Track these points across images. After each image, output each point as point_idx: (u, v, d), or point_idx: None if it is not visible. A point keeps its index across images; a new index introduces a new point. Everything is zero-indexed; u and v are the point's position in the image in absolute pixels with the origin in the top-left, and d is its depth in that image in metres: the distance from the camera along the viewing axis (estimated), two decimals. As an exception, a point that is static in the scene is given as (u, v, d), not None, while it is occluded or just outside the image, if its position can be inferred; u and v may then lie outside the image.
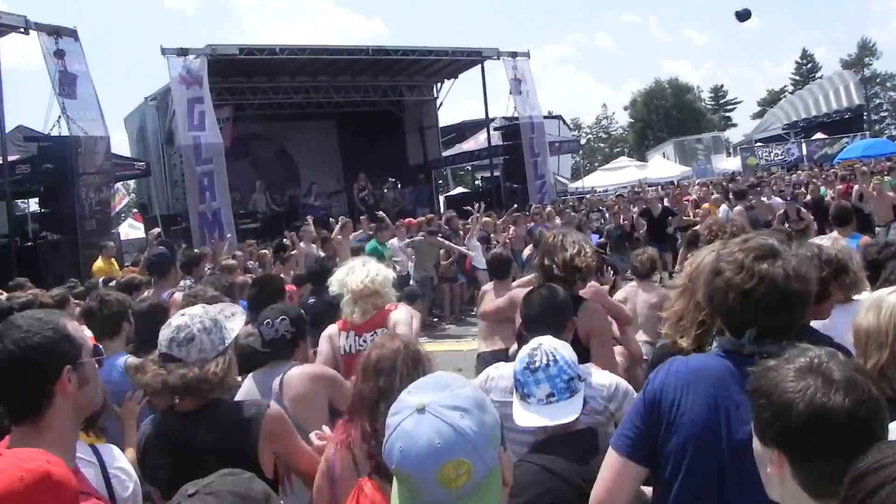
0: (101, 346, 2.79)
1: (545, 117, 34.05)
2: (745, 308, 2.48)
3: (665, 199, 21.10)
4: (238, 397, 4.17)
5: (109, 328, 5.09)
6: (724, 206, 17.39)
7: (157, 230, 15.23)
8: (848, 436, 1.67)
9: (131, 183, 37.60)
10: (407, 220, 19.41)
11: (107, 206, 19.61)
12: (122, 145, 31.25)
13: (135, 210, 40.66)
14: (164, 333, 3.44)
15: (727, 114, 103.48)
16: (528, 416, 3.10)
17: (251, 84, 27.06)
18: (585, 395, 3.39)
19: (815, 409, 1.71)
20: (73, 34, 18.63)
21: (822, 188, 20.51)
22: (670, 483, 2.46)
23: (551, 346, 3.16)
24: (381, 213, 17.22)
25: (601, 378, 3.85)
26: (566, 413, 3.05)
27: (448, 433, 1.78)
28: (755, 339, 2.48)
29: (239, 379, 4.25)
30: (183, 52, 21.72)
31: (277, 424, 3.44)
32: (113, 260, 15.59)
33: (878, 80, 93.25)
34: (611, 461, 2.56)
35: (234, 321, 3.70)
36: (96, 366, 2.61)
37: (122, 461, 2.88)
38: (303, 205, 27.10)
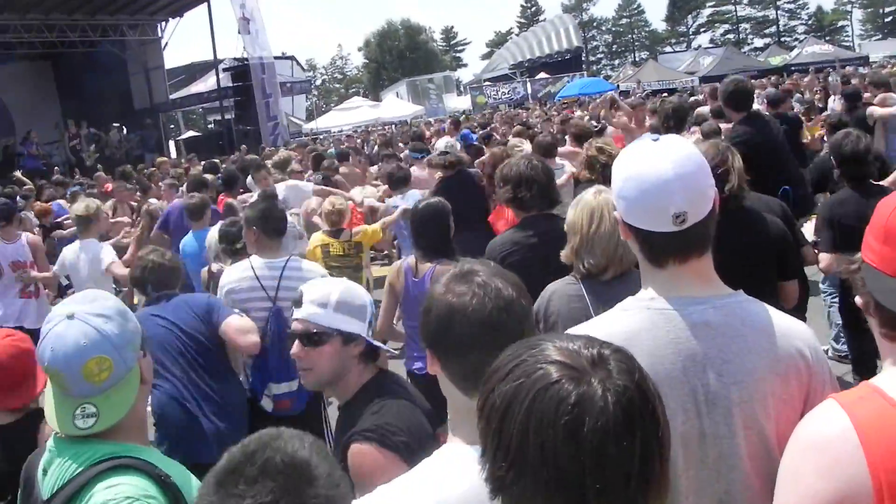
0: None
1: (277, 58, 33.60)
2: None
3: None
4: None
5: None
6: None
7: None
8: (477, 332, 1.86)
9: None
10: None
11: None
12: None
13: None
14: None
15: (458, 54, 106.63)
16: None
17: (-52, 23, 24.59)
18: None
19: (444, 308, 1.92)
20: None
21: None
22: None
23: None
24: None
25: None
26: None
27: (93, 334, 2.09)
28: None
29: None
30: None
31: None
32: None
33: (595, 23, 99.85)
34: None
35: None
36: None
37: None
38: (19, 154, 25.33)
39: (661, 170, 1.96)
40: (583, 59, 66.72)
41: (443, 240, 5.03)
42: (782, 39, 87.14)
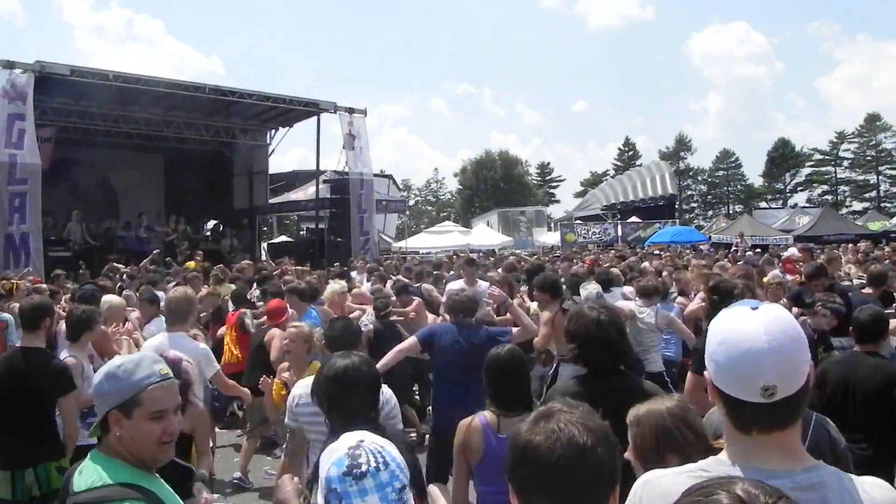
0: None
1: (376, 175, 34.30)
2: None
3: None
4: None
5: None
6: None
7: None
8: (545, 474, 1.89)
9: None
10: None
11: None
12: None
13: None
14: None
15: (552, 190, 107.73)
16: None
17: (78, 107, 25.94)
18: None
19: (521, 444, 1.96)
20: None
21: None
22: None
23: (376, 444, 2.31)
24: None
25: None
26: None
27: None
28: None
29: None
30: (9, 65, 20.80)
31: None
32: None
33: (690, 173, 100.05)
34: None
35: None
36: None
37: None
38: (120, 238, 26.26)
39: (755, 340, 1.99)
40: (676, 206, 66.75)
41: (526, 390, 4.75)
42: (882, 205, 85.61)
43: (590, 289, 9.48)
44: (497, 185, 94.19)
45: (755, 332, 2.00)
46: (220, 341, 10.94)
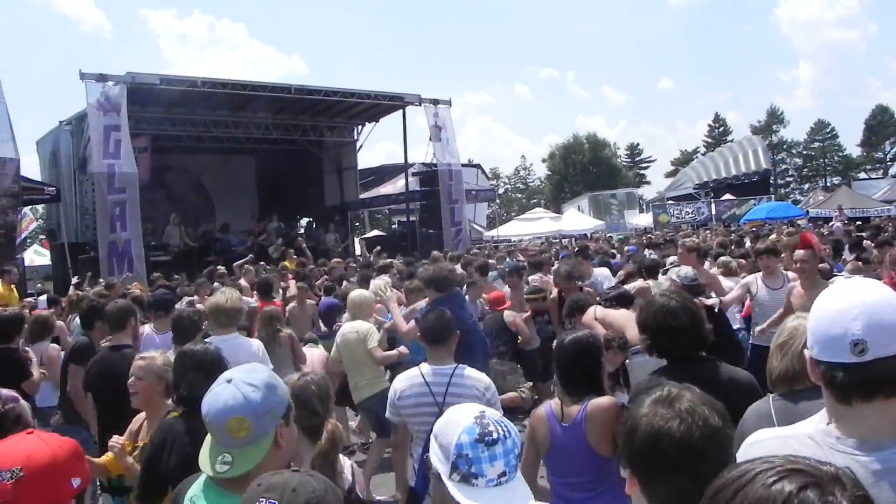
0: None
1: (464, 165, 34.28)
2: None
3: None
4: None
5: None
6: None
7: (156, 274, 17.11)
8: (683, 458, 1.89)
9: (39, 208, 36.74)
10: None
11: (12, 230, 19.11)
12: (32, 168, 30.70)
13: (42, 236, 39.75)
14: None
15: (642, 171, 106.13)
16: None
17: (170, 115, 26.57)
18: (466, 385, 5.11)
19: (652, 432, 1.94)
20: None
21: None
22: None
23: (496, 415, 2.34)
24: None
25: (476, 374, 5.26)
26: (523, 494, 2.27)
27: (239, 398, 2.56)
28: None
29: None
30: (102, 78, 21.36)
31: None
32: (13, 287, 15.01)
33: (784, 146, 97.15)
34: None
35: None
36: None
37: None
38: (218, 240, 26.77)
39: (843, 299, 1.99)
40: (771, 181, 65.09)
41: (595, 377, 4.51)
42: None
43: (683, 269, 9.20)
44: (586, 168, 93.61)
45: (844, 293, 2.03)
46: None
